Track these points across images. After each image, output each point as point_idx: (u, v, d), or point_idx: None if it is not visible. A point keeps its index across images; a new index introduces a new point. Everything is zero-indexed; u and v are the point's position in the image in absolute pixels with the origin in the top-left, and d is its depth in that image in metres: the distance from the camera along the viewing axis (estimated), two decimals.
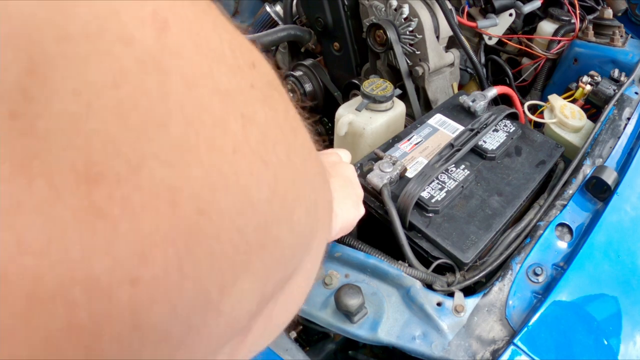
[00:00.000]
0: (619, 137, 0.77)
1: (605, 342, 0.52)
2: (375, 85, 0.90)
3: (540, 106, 0.94)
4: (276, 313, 0.21)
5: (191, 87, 0.14)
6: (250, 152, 0.15)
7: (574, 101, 0.94)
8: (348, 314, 0.52)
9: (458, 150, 0.74)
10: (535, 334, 0.51)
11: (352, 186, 0.52)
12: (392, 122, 0.98)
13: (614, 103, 0.84)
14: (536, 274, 0.57)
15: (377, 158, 0.75)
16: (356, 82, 1.14)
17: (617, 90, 0.88)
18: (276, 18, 1.41)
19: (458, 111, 0.86)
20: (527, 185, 0.71)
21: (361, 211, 0.54)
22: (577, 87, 0.95)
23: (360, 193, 0.55)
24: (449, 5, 1.03)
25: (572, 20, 1.16)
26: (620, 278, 0.57)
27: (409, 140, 0.80)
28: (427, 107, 1.22)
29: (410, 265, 0.61)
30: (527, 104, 0.92)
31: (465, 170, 0.73)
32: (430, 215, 0.67)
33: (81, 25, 0.12)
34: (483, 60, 1.27)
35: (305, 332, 0.67)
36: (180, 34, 0.14)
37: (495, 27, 1.20)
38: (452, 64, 1.21)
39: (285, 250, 0.18)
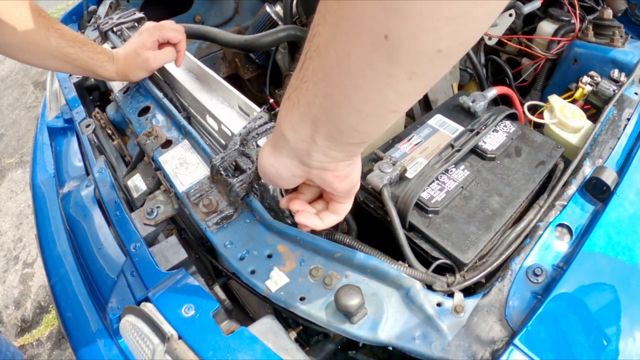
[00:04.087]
0: (618, 138, 0.77)
1: (605, 342, 0.52)
2: None
3: (540, 106, 0.94)
4: None
5: None
6: None
7: (573, 101, 0.94)
8: (348, 315, 0.52)
9: (458, 150, 0.74)
10: (535, 334, 0.51)
11: None
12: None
13: (613, 103, 0.84)
14: (536, 275, 0.57)
15: (377, 158, 0.75)
16: None
17: (616, 91, 0.88)
18: (276, 18, 1.41)
19: (458, 112, 0.86)
20: (527, 185, 0.71)
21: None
22: (577, 88, 0.95)
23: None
24: None
25: (572, 21, 1.16)
26: (620, 278, 0.57)
27: (409, 140, 0.80)
28: (427, 107, 1.22)
29: (410, 265, 0.61)
30: (527, 104, 0.92)
31: (465, 171, 0.73)
32: (430, 215, 0.67)
33: None
34: (483, 60, 1.27)
35: (305, 332, 0.67)
36: None
37: (495, 27, 1.20)
38: None
39: None
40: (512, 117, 0.85)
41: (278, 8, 1.41)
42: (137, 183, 0.88)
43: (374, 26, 0.31)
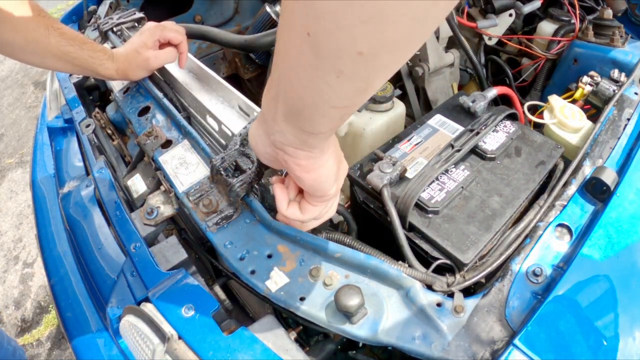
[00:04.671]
0: (618, 138, 0.77)
1: (605, 342, 0.52)
2: None
3: (540, 107, 0.94)
4: None
5: None
6: None
7: (574, 101, 0.94)
8: (348, 315, 0.52)
9: (458, 150, 0.74)
10: (535, 334, 0.51)
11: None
12: (392, 123, 0.98)
13: (613, 103, 0.84)
14: (535, 275, 0.57)
15: (377, 159, 0.75)
16: None
17: (616, 91, 0.88)
18: (276, 18, 1.41)
19: (458, 112, 0.86)
20: (527, 185, 0.71)
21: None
22: (577, 88, 0.95)
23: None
24: None
25: (572, 21, 1.16)
26: (619, 278, 0.57)
27: (409, 140, 0.80)
28: (427, 107, 1.22)
29: (410, 265, 0.61)
30: (527, 104, 0.92)
31: (465, 171, 0.73)
32: (430, 215, 0.67)
33: None
34: (483, 60, 1.27)
35: (305, 332, 0.67)
36: None
37: (495, 28, 1.21)
38: (452, 65, 1.21)
39: None
40: (512, 117, 0.85)
41: (278, 8, 1.41)
42: (137, 183, 0.88)
43: (300, 21, 0.32)
